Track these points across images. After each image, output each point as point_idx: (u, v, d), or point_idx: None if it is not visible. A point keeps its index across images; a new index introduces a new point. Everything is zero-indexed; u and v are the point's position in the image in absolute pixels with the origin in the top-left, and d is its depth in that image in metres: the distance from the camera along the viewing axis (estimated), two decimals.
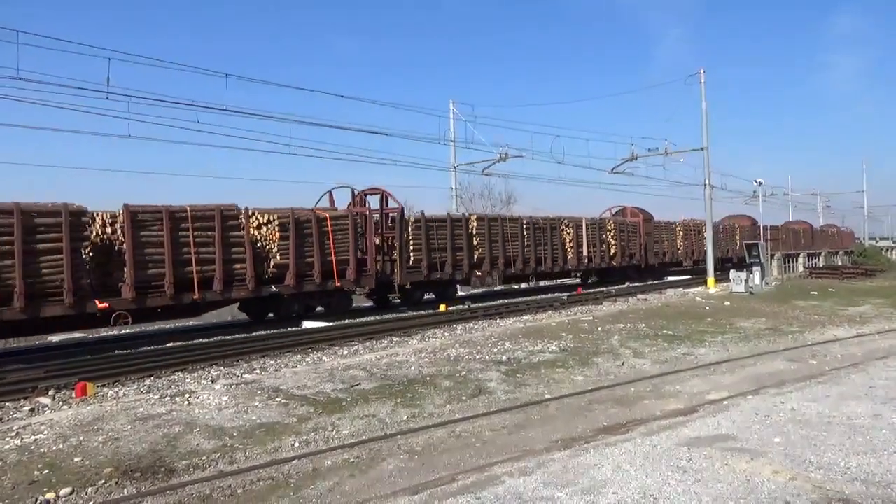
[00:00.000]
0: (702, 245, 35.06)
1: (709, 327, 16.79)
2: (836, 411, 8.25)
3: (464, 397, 9.69)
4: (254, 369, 12.04)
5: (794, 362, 12.31)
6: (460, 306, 21.83)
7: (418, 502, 5.70)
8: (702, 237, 34.72)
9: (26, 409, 9.51)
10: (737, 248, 41.44)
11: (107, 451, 7.26)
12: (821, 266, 45.87)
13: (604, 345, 13.93)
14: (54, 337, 17.69)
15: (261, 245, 17.54)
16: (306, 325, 17.75)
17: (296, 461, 7.01)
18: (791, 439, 7.10)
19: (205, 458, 7.14)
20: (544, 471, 6.30)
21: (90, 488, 6.34)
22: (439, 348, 13.42)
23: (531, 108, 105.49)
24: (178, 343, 15.29)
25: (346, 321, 18.42)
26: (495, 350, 13.18)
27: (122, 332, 17.57)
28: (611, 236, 32.05)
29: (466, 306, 21.84)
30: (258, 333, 16.38)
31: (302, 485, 6.37)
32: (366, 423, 8.43)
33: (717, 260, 34.77)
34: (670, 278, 36.26)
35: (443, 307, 21.51)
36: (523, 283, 30.77)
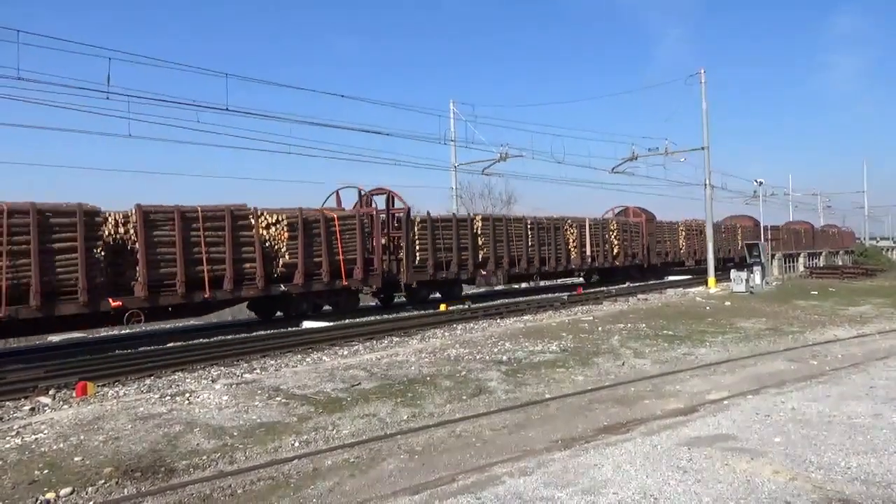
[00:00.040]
0: (704, 245, 35.04)
1: (709, 327, 16.78)
2: (837, 411, 8.24)
3: (464, 397, 9.69)
4: (254, 369, 12.05)
5: (794, 362, 12.29)
6: (460, 306, 21.84)
7: (418, 502, 5.69)
8: (704, 237, 34.70)
9: (27, 408, 9.52)
10: (738, 247, 41.43)
11: (107, 451, 7.26)
12: (821, 266, 45.84)
13: (604, 345, 13.92)
14: (54, 337, 17.70)
15: (270, 244, 17.65)
16: (306, 324, 17.75)
17: (296, 461, 7.00)
18: (791, 439, 7.09)
19: (205, 457, 7.14)
20: (544, 471, 6.29)
21: (90, 488, 6.34)
22: (439, 348, 13.41)
23: (531, 107, 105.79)
24: (178, 343, 15.30)
25: (347, 321, 18.43)
26: (495, 350, 13.18)
27: (122, 331, 17.59)
28: (613, 236, 32.15)
29: (466, 306, 21.85)
30: (258, 333, 16.40)
31: (302, 485, 6.36)
32: (366, 422, 8.43)
33: (719, 260, 34.78)
34: (671, 278, 36.27)
35: (443, 307, 21.54)
36: (524, 283, 30.81)
